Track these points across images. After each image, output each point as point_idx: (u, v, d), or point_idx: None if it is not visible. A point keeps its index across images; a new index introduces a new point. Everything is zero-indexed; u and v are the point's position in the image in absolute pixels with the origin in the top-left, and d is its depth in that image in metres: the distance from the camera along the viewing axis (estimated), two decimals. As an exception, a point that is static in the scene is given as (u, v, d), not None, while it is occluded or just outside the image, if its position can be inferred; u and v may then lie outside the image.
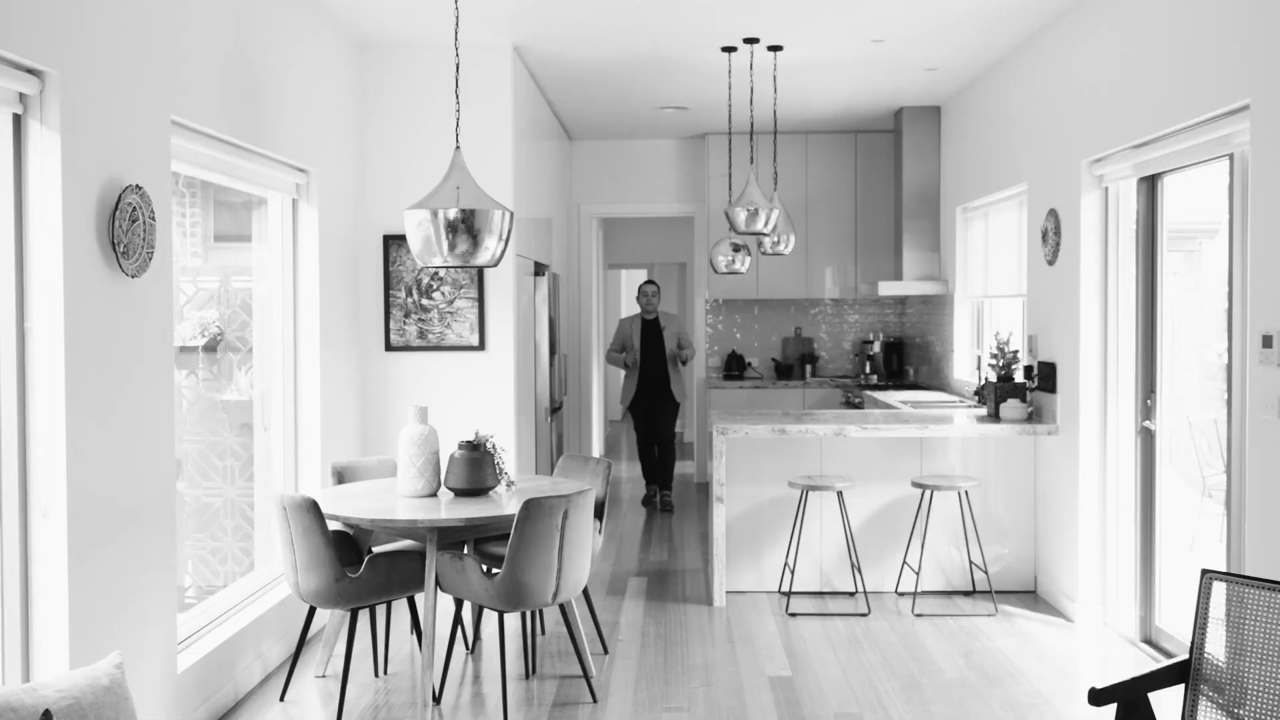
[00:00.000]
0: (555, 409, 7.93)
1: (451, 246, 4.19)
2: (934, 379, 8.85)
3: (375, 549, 5.01)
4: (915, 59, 7.06)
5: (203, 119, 4.35)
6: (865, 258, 9.75)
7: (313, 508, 4.30)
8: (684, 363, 9.02)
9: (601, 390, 12.12)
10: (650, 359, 8.97)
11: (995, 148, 7.17)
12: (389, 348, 6.49)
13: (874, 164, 9.71)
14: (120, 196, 3.58)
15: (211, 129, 4.45)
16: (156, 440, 3.94)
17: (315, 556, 4.34)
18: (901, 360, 9.75)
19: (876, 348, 9.69)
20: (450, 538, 4.69)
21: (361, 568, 4.40)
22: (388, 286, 6.48)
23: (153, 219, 3.79)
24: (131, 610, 3.76)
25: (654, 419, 9.09)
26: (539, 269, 7.59)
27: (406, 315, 6.48)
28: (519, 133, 6.76)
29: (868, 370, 9.66)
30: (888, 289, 8.58)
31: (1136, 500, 5.40)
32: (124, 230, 3.61)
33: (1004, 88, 6.99)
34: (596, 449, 10.90)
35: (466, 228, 4.18)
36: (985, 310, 7.92)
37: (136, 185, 3.67)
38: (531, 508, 4.23)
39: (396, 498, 4.73)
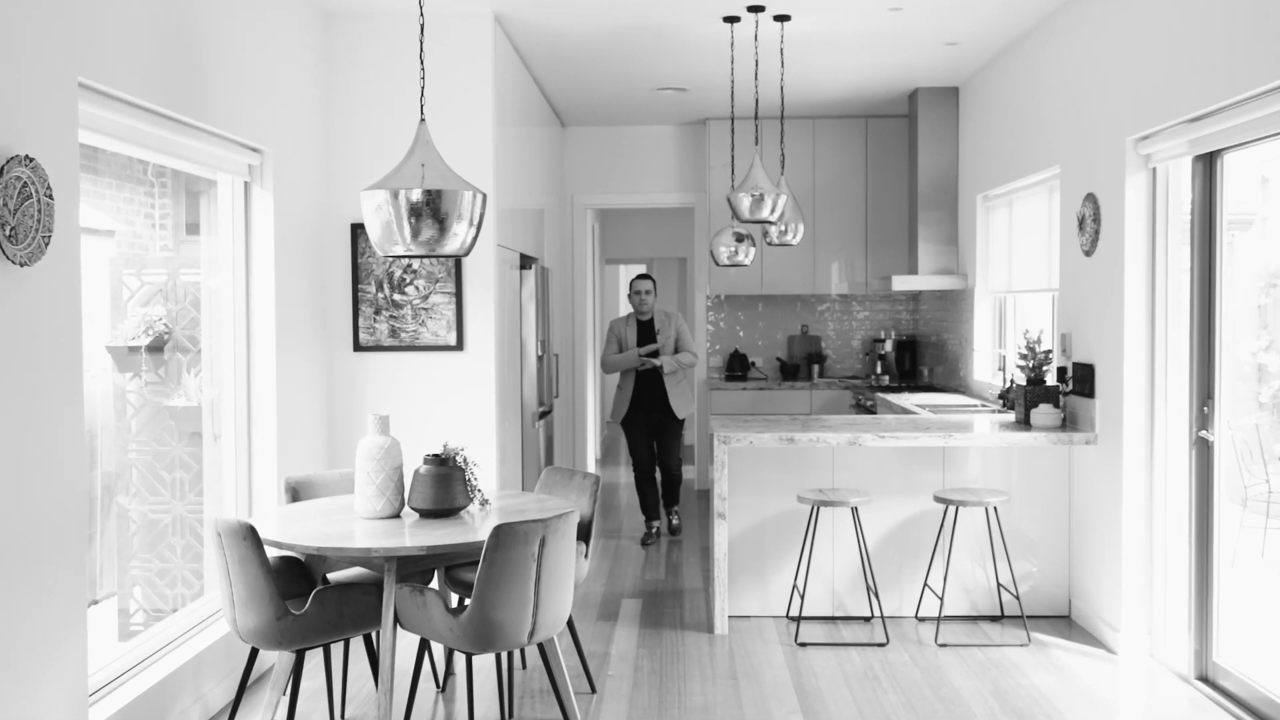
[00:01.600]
0: (544, 413, 7.34)
1: (415, 233, 3.65)
2: (950, 380, 8.25)
3: (330, 575, 4.43)
4: (935, 31, 6.46)
5: (124, 84, 3.76)
6: (876, 251, 9.15)
7: (249, 534, 3.71)
8: (671, 370, 7.48)
9: (597, 391, 11.54)
10: (645, 369, 7.57)
11: (1022, 129, 6.57)
12: (357, 348, 5.90)
13: (886, 150, 9.11)
14: (3, 169, 2.99)
15: (137, 97, 3.85)
16: (61, 458, 3.35)
17: (253, 590, 3.75)
18: (915, 360, 9.15)
19: (888, 346, 9.09)
20: (413, 567, 4.10)
21: (307, 603, 3.81)
22: (356, 280, 5.88)
23: (50, 197, 3.20)
24: (23, 662, 3.17)
25: (655, 441, 7.68)
26: (525, 261, 7.00)
27: (377, 312, 5.90)
28: (501, 111, 6.17)
29: (879, 370, 9.06)
30: (902, 284, 7.99)
31: (1190, 519, 4.80)
32: (11, 210, 3.02)
33: (1033, 61, 6.39)
34: (591, 454, 10.31)
35: (432, 211, 3.64)
36: (1008, 306, 7.33)
37: (27, 157, 3.08)
38: (503, 535, 3.64)
39: (353, 519, 4.15)
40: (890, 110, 8.87)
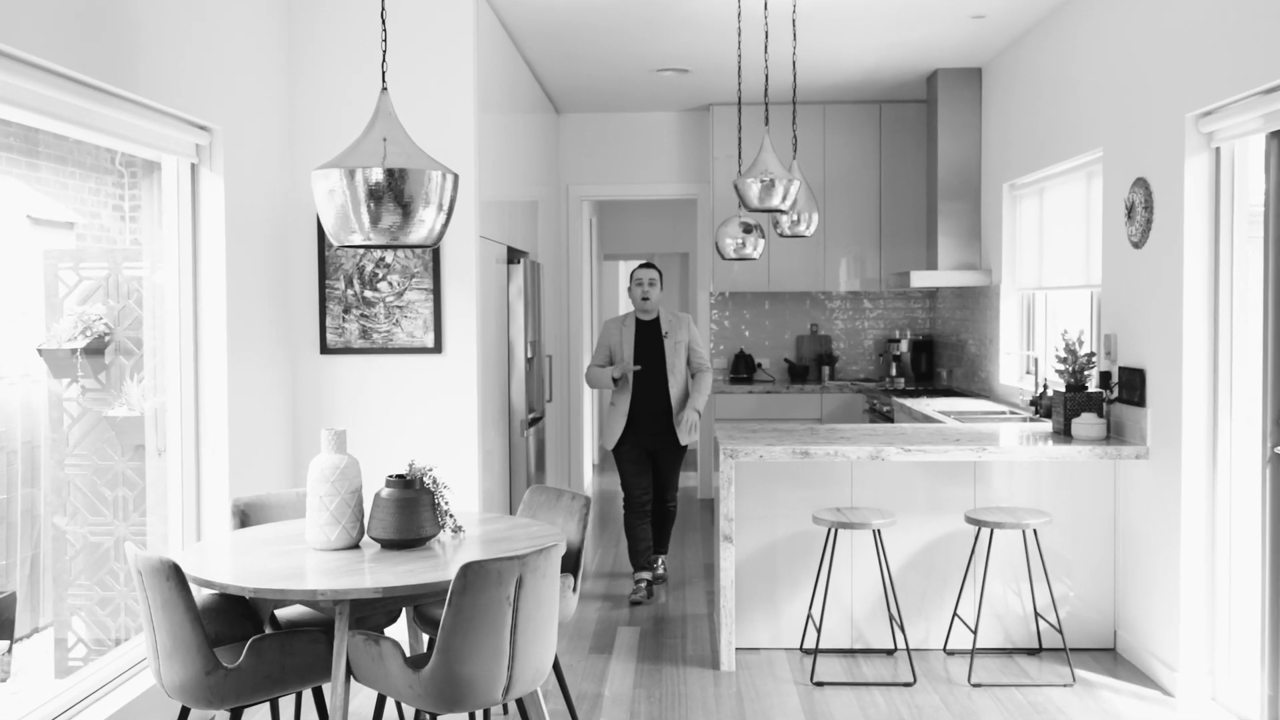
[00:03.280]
0: (535, 420, 6.77)
1: (374, 219, 3.12)
2: (971, 383, 7.68)
3: (280, 613, 3.87)
4: (960, 2, 5.88)
5: (25, 42, 3.19)
6: (891, 245, 8.57)
7: (172, 574, 3.14)
8: (685, 431, 6.17)
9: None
10: (645, 379, 6.20)
11: (1056, 109, 5.99)
12: (325, 350, 5.33)
13: (902, 138, 8.53)
14: None
15: (42, 58, 3.29)
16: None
17: (179, 639, 3.18)
18: (932, 362, 8.58)
19: (904, 347, 8.52)
20: (372, 607, 3.54)
21: (242, 655, 3.24)
22: (323, 275, 5.31)
23: (-85, 171, 2.64)
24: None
25: (651, 470, 6.29)
26: (514, 255, 6.43)
27: (346, 310, 5.32)
28: (485, 92, 5.59)
29: (894, 373, 8.49)
30: (921, 280, 7.41)
31: (1264, 544, 4.22)
32: None
33: (1070, 34, 5.81)
34: (588, 462, 9.74)
35: (394, 194, 3.11)
36: (1038, 304, 6.75)
37: (-120, 120, 2.52)
38: (471, 575, 3.07)
39: (305, 551, 3.58)
40: (907, 95, 8.30)
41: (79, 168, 6.04)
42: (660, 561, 6.49)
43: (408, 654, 4.23)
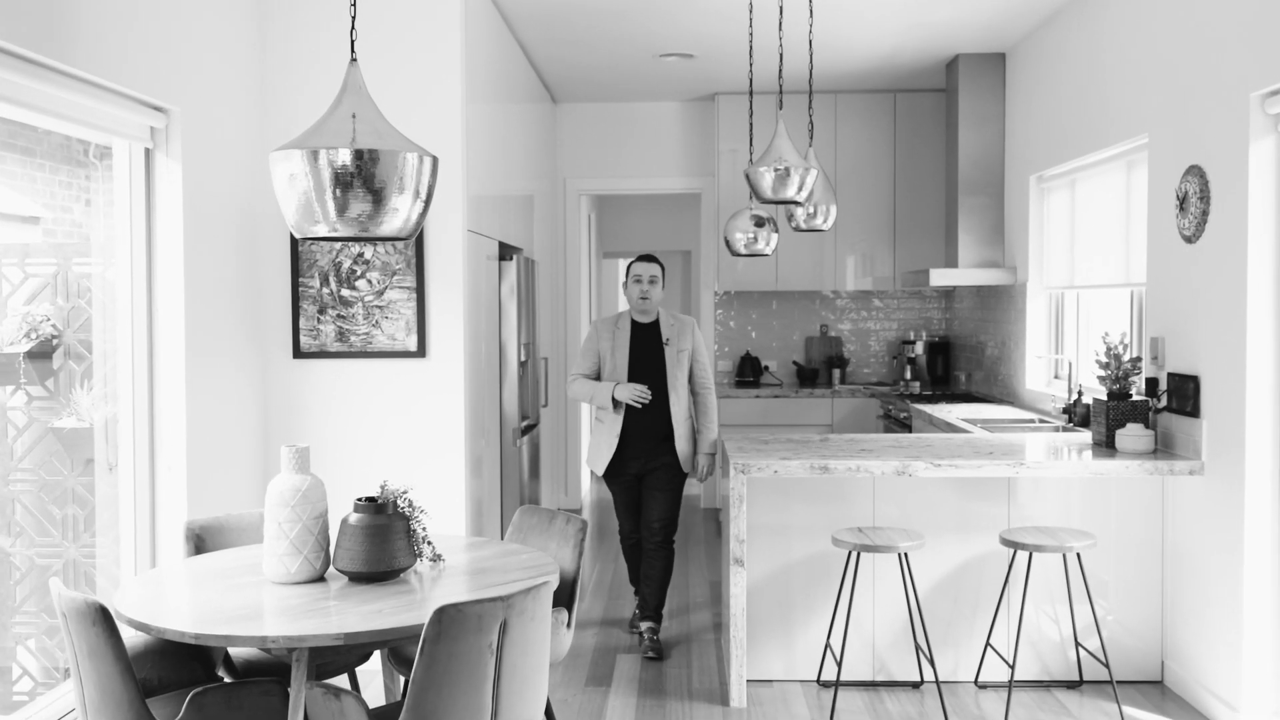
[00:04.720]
0: (529, 427, 6.33)
1: (341, 207, 2.72)
2: (990, 388, 7.23)
3: (235, 653, 3.42)
4: (991, -23, 5.44)
5: (-68, -1, 2.75)
6: (906, 242, 8.13)
7: (100, 618, 2.70)
8: (701, 478, 5.33)
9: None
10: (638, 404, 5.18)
11: (1090, 95, 5.54)
12: (298, 353, 4.88)
13: (919, 129, 8.08)
14: None
15: (-43, 20, 2.85)
16: None
17: (107, 693, 2.74)
18: (949, 365, 8.13)
19: (919, 349, 8.07)
20: (336, 651, 3.10)
21: (181, 711, 2.80)
22: (296, 273, 4.87)
23: None
24: None
25: (646, 496, 5.26)
26: (506, 252, 5.99)
27: (321, 310, 4.88)
28: (473, 76, 5.15)
29: (908, 376, 8.04)
30: (941, 278, 6.95)
31: (1342, 576, 3.79)
32: None
33: (1106, 13, 5.36)
34: (586, 474, 9.28)
35: (364, 179, 2.70)
36: (1067, 304, 6.30)
37: None
38: (446, 621, 2.63)
39: (261, 584, 3.14)
40: (924, 83, 7.85)
41: (49, 160, 5.64)
42: (653, 633, 5.16)
43: (384, 700, 3.80)
